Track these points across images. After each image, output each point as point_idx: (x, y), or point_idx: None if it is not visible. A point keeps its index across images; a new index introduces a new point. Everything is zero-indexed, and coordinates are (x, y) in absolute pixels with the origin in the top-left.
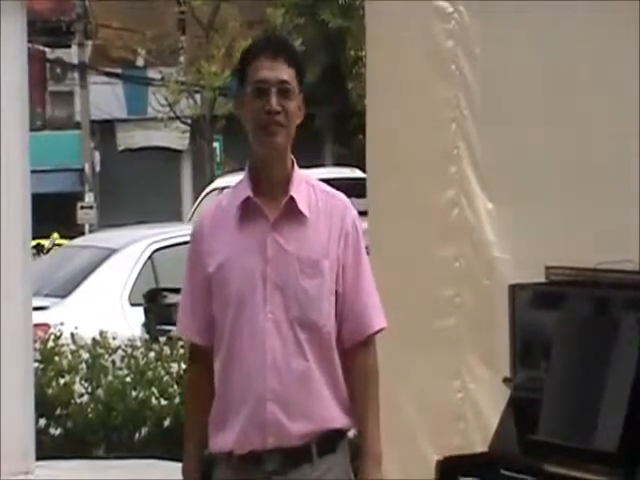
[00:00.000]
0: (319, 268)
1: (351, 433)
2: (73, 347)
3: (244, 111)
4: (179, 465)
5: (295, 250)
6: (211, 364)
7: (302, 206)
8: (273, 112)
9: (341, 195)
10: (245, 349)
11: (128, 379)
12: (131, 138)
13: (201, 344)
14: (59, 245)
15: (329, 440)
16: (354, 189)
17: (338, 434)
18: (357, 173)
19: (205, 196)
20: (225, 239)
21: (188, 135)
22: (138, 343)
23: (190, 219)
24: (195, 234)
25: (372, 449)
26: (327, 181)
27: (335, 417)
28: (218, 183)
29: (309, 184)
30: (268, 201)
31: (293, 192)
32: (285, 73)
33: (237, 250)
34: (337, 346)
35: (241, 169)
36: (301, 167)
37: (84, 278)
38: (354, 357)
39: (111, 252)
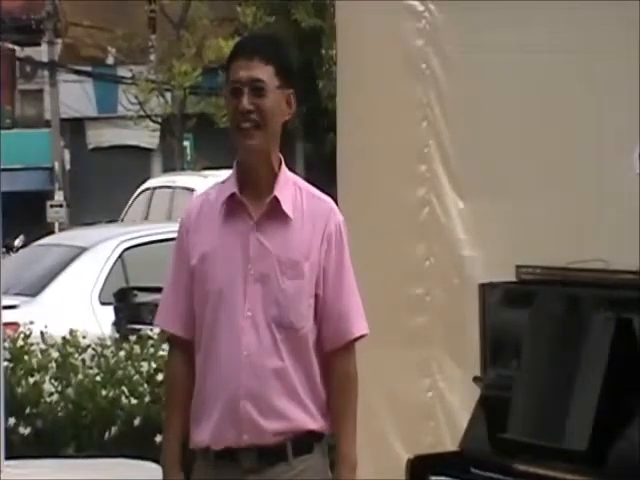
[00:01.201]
0: (299, 269)
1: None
2: (43, 346)
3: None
4: (149, 464)
5: (277, 250)
6: (191, 356)
7: (286, 207)
8: (245, 112)
9: (327, 199)
10: (222, 346)
11: (98, 378)
12: (101, 136)
13: (183, 336)
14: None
15: (305, 440)
16: None
17: (314, 435)
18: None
19: (137, 196)
20: (209, 233)
21: (158, 134)
22: (108, 342)
23: (123, 219)
24: (182, 227)
25: (348, 455)
26: None
27: (311, 418)
28: (150, 183)
29: (296, 185)
30: (253, 199)
31: (277, 192)
32: (260, 72)
33: (220, 246)
34: (318, 350)
35: (209, 168)
36: None
37: (54, 277)
38: (334, 362)
39: (81, 251)
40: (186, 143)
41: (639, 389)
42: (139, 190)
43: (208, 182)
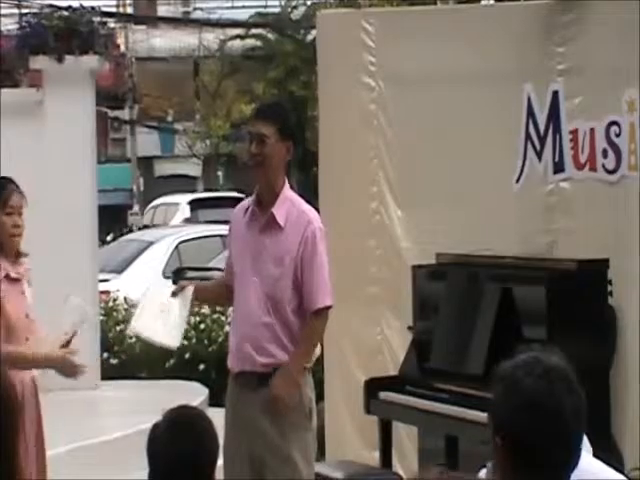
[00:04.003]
0: (283, 261)
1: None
2: (125, 306)
3: None
4: (194, 383)
5: (271, 248)
6: (228, 289)
7: (279, 219)
8: (252, 154)
9: (311, 212)
10: (238, 306)
11: None
12: (163, 169)
13: (228, 283)
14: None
15: None
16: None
17: None
18: (238, 194)
19: (149, 209)
20: (239, 231)
21: (201, 167)
22: None
23: (142, 227)
24: (231, 222)
25: (287, 368)
26: (221, 198)
27: (289, 355)
28: (156, 202)
29: (292, 202)
30: (263, 211)
31: (274, 209)
32: (263, 128)
33: (242, 241)
34: (300, 312)
35: (234, 189)
36: None
37: (132, 260)
38: (308, 321)
39: (150, 244)
40: (219, 173)
41: (516, 334)
42: (148, 207)
43: (186, 198)
